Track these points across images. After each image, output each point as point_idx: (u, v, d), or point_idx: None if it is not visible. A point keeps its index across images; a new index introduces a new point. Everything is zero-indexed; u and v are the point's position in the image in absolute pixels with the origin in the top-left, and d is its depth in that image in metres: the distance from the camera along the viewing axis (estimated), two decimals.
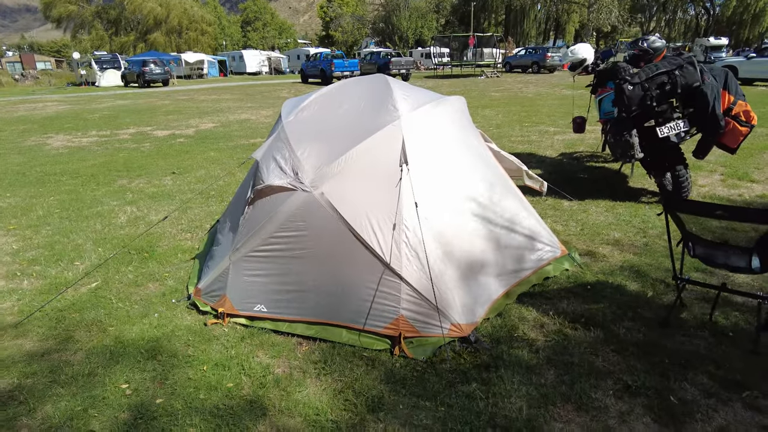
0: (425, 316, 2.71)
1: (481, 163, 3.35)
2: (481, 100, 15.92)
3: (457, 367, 2.55)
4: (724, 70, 4.84)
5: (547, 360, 2.57)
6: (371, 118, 3.08)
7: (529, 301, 3.15)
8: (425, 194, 2.89)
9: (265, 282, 2.99)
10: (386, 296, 2.74)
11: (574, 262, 3.60)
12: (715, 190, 5.57)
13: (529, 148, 8.09)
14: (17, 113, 16.42)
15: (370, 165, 2.89)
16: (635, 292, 3.23)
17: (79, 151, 9.38)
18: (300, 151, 3.02)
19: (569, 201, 5.25)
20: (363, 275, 2.77)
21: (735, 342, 2.64)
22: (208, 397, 2.41)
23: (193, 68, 37.37)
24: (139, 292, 3.50)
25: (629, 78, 4.82)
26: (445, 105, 3.44)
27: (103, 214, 5.25)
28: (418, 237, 2.75)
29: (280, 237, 2.93)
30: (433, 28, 50.31)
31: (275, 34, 58.73)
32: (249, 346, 2.81)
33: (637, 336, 2.73)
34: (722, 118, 4.66)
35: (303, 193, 2.88)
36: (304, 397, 2.39)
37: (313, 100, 3.46)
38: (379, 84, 3.46)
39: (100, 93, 24.90)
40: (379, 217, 2.78)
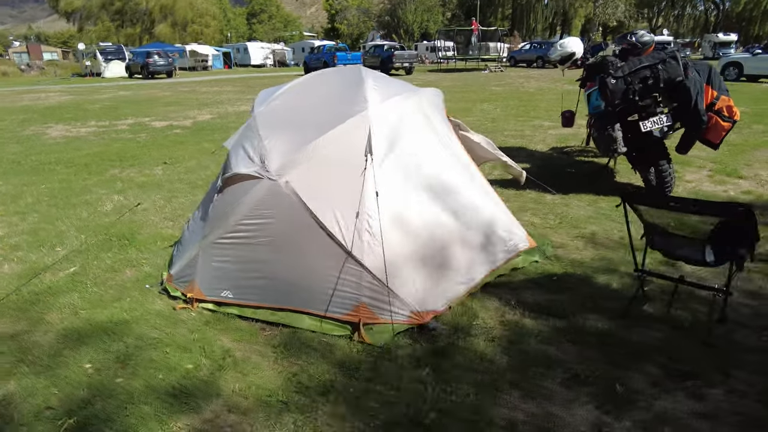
0: (386, 304, 2.76)
1: (449, 156, 3.37)
2: (481, 94, 15.88)
3: (412, 353, 2.59)
4: (708, 65, 4.83)
5: (502, 348, 2.61)
6: (340, 108, 3.11)
7: (493, 291, 3.18)
8: (390, 184, 2.93)
9: (231, 269, 3.04)
10: (348, 283, 2.78)
11: (545, 255, 3.62)
12: (700, 186, 5.56)
13: (520, 142, 8.09)
14: (20, 103, 16.58)
15: (336, 154, 2.92)
16: (601, 284, 3.26)
17: (76, 140, 9.48)
18: (268, 140, 3.06)
19: (552, 195, 5.26)
20: (326, 263, 2.82)
21: (690, 334, 2.66)
22: (167, 377, 2.47)
23: (197, 60, 37.44)
24: (115, 278, 3.57)
25: (612, 72, 4.82)
26: (416, 97, 3.46)
27: (91, 202, 5.32)
28: (381, 226, 2.79)
29: (246, 225, 2.98)
30: (439, 22, 50.01)
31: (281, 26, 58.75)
32: (213, 330, 2.87)
33: (595, 327, 2.76)
34: (705, 113, 4.65)
35: (269, 181, 2.92)
36: (259, 379, 2.44)
37: (287, 89, 3.50)
38: (352, 75, 3.49)
39: (103, 84, 25.05)
40: (343, 206, 2.82)
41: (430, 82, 22.14)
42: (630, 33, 5.79)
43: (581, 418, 2.12)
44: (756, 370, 2.37)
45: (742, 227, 2.33)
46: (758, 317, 2.81)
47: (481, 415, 2.14)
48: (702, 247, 2.50)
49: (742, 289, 3.14)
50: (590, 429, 2.07)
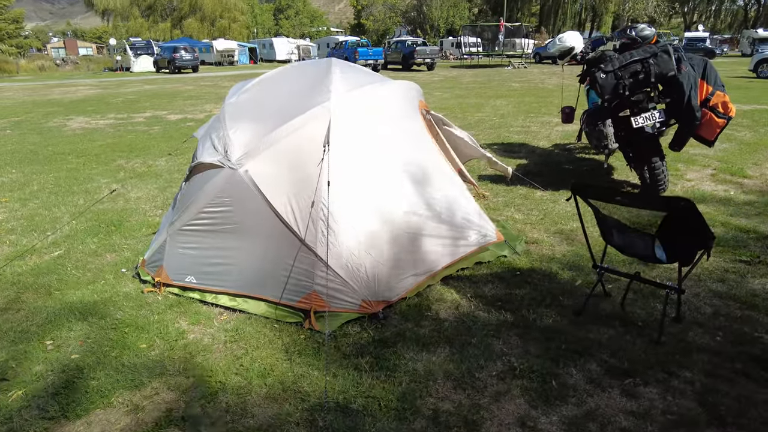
0: (337, 292, 2.79)
1: (417, 148, 3.37)
2: (498, 90, 15.69)
3: (358, 341, 2.62)
4: (704, 59, 4.67)
5: (447, 339, 2.61)
6: (304, 99, 3.15)
7: (453, 283, 3.18)
8: (350, 174, 2.96)
9: (195, 255, 3.13)
10: (301, 271, 2.83)
11: (514, 250, 3.59)
12: (700, 185, 5.38)
13: (524, 138, 7.98)
14: (50, 96, 17.24)
15: (295, 144, 2.97)
16: (564, 280, 3.21)
17: (93, 132, 9.82)
18: (232, 130, 3.13)
19: (543, 191, 5.19)
20: (281, 250, 2.88)
21: (642, 332, 2.61)
22: (119, 355, 2.57)
23: (223, 55, 38.10)
24: (96, 262, 3.71)
25: (603, 66, 4.71)
26: (387, 89, 3.48)
27: (90, 190, 5.53)
28: (335, 216, 2.83)
29: (209, 212, 3.06)
30: (465, 18, 49.48)
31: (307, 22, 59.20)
32: (174, 314, 2.96)
33: (546, 322, 2.74)
34: (698, 109, 4.50)
35: (229, 170, 2.99)
36: (204, 360, 2.52)
37: (258, 81, 3.56)
38: (321, 66, 3.53)
39: (131, 78, 25.80)
40: (299, 195, 2.87)
41: (450, 78, 21.99)
42: (630, 27, 5.63)
43: (508, 412, 2.12)
44: (701, 370, 2.31)
45: (690, 224, 2.27)
46: (717, 317, 2.72)
47: (408, 404, 2.16)
48: (652, 243, 2.44)
49: (709, 288, 3.05)
50: (515, 422, 2.06)
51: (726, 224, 4.21)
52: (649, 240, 2.44)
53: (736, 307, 2.84)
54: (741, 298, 2.92)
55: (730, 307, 2.84)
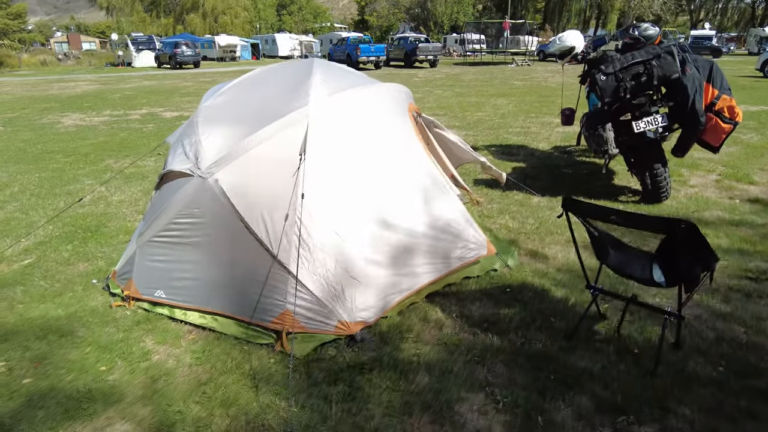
0: (312, 312, 2.61)
1: (403, 155, 3.17)
2: (500, 89, 15.44)
3: (331, 366, 2.44)
4: (709, 61, 4.44)
5: (427, 366, 2.42)
6: (281, 104, 2.96)
7: (439, 300, 2.99)
8: (328, 185, 2.77)
9: (164, 268, 2.95)
10: (274, 289, 2.64)
11: (505, 264, 3.39)
12: (704, 192, 5.17)
13: (523, 140, 7.76)
14: (49, 92, 17.10)
15: (270, 152, 2.77)
16: (557, 298, 3.01)
17: (86, 130, 9.66)
18: (205, 136, 2.94)
19: (540, 197, 4.99)
20: (252, 267, 2.69)
21: (637, 360, 2.41)
22: (75, 379, 2.40)
23: (225, 51, 37.88)
24: (66, 271, 3.54)
25: (603, 67, 4.50)
26: (372, 91, 3.28)
27: (72, 192, 5.36)
28: (310, 230, 2.64)
29: (178, 224, 2.88)
30: (470, 14, 49.01)
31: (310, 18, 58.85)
32: (140, 331, 2.79)
33: (535, 347, 2.54)
34: (703, 113, 4.29)
35: (199, 179, 2.80)
36: (166, 386, 2.34)
37: (235, 84, 3.37)
38: (303, 67, 3.33)
39: (131, 73, 25.63)
40: (272, 208, 2.68)
41: (452, 75, 21.73)
42: (633, 26, 5.41)
43: None
44: (701, 406, 2.11)
45: (691, 246, 2.07)
46: (720, 343, 2.52)
47: None
48: (650, 265, 2.24)
49: (712, 309, 2.85)
50: None
51: (730, 235, 4.00)
52: (646, 262, 2.24)
53: (741, 331, 2.64)
54: (746, 322, 2.72)
55: (734, 331, 2.64)
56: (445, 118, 10.15)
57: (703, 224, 4.24)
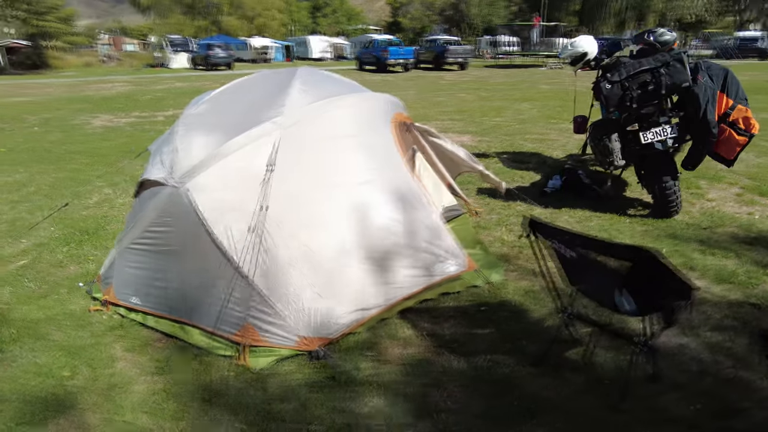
0: (273, 326, 2.58)
1: (380, 166, 3.08)
2: (525, 93, 15.11)
3: (286, 382, 2.40)
4: (724, 69, 4.17)
5: (383, 387, 2.35)
6: (256, 113, 2.94)
7: (412, 317, 2.91)
8: (296, 197, 2.73)
9: (139, 275, 2.99)
10: (237, 301, 2.63)
11: (487, 280, 3.27)
12: (722, 206, 4.86)
13: (538, 147, 7.53)
14: (85, 92, 17.82)
15: (239, 163, 2.76)
16: (534, 319, 2.88)
17: (112, 131, 9.99)
18: (181, 145, 2.96)
19: (543, 209, 4.82)
20: (217, 278, 2.68)
21: (606, 392, 2.26)
22: (38, 384, 2.45)
23: (259, 53, 38.63)
24: (57, 273, 3.64)
25: (609, 75, 4.31)
26: (352, 102, 3.22)
27: (81, 194, 5.53)
28: (275, 242, 2.61)
29: (152, 231, 2.91)
30: (503, 16, 48.30)
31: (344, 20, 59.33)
32: (112, 337, 2.82)
33: (500, 372, 2.43)
34: (715, 124, 4.04)
35: (172, 188, 2.82)
36: (122, 394, 2.36)
37: (219, 92, 3.39)
38: (285, 76, 3.31)
39: (166, 75, 26.43)
40: (238, 218, 2.66)
41: (480, 78, 21.45)
42: (648, 31, 5.17)
43: None
44: None
45: (659, 276, 1.92)
46: (702, 378, 2.34)
47: None
48: (618, 293, 2.10)
49: (702, 338, 2.65)
50: None
51: (741, 255, 3.74)
52: (615, 289, 2.10)
53: (729, 365, 2.44)
54: (737, 354, 2.52)
55: (721, 365, 2.45)
56: (462, 123, 9.99)
57: (713, 243, 3.99)
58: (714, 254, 3.80)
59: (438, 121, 10.33)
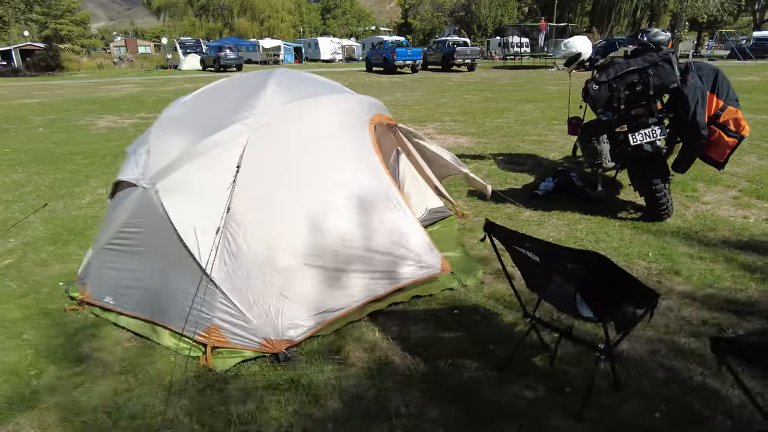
0: (238, 327, 2.58)
1: (354, 168, 3.06)
2: (530, 94, 15.00)
3: (248, 385, 2.39)
4: (714, 69, 4.09)
5: (343, 391, 2.33)
6: (228, 115, 2.95)
7: (381, 320, 2.88)
8: (263, 198, 2.73)
9: (113, 275, 3.01)
10: (203, 302, 2.63)
11: (463, 284, 3.23)
12: (717, 210, 4.76)
13: (535, 149, 7.46)
14: (95, 94, 18.09)
15: (208, 164, 2.77)
16: (505, 324, 2.83)
17: (115, 132, 10.12)
18: (155, 146, 2.98)
19: (532, 211, 4.76)
20: (185, 278, 2.68)
21: (567, 400, 2.21)
22: (3, 382, 2.47)
23: (269, 54, 38.87)
24: (40, 273, 3.68)
25: (596, 76, 4.25)
26: (327, 102, 3.21)
27: (75, 194, 5.60)
28: (239, 244, 2.60)
29: (126, 232, 2.93)
30: (514, 17, 48.01)
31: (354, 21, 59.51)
32: (83, 336, 2.85)
33: (462, 377, 2.39)
34: (705, 126, 3.96)
35: (143, 189, 2.83)
36: (84, 393, 2.37)
37: (196, 94, 3.41)
38: (261, 78, 3.31)
39: (176, 76, 26.74)
40: (205, 220, 2.66)
41: (487, 79, 21.34)
42: (642, 31, 5.08)
43: None
44: None
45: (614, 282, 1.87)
46: (668, 386, 2.28)
47: None
48: (574, 297, 2.05)
49: (675, 344, 2.59)
50: None
51: (730, 260, 3.66)
52: (571, 294, 2.05)
53: (698, 372, 2.38)
54: (707, 362, 2.45)
55: (690, 372, 2.39)
56: (463, 124, 9.94)
57: (702, 247, 3.91)
58: (702, 258, 3.71)
59: (440, 122, 10.30)
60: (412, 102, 13.81)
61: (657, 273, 3.49)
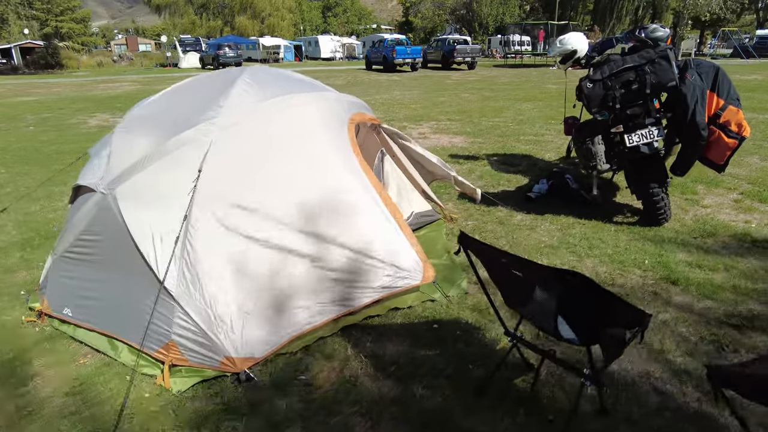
0: (197, 345, 2.39)
1: (329, 171, 2.87)
2: (530, 92, 14.76)
3: (205, 407, 2.21)
4: (715, 66, 3.88)
5: (306, 417, 2.14)
6: (194, 116, 2.76)
7: (356, 334, 2.70)
8: (226, 204, 2.54)
9: (72, 285, 2.83)
10: (161, 317, 2.45)
11: (446, 295, 3.04)
12: (717, 214, 4.56)
13: (531, 149, 7.25)
14: (91, 92, 17.93)
15: (169, 168, 2.59)
16: (487, 340, 2.64)
17: (105, 131, 9.91)
18: (117, 148, 2.80)
19: (524, 214, 4.57)
20: (143, 290, 2.50)
21: (549, 429, 2.02)
22: None
23: (269, 52, 38.66)
24: (5, 280, 3.51)
25: (591, 74, 4.06)
26: (301, 101, 3.02)
27: (53, 195, 5.43)
28: (200, 255, 2.42)
29: (83, 240, 2.75)
30: (516, 15, 47.66)
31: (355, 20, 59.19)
32: (38, 351, 2.68)
33: (434, 401, 2.20)
34: (704, 126, 3.75)
35: (101, 195, 2.65)
36: (27, 416, 2.19)
37: (162, 93, 3.23)
38: (231, 75, 3.12)
39: (175, 74, 26.55)
40: (164, 228, 2.48)
41: (487, 78, 21.10)
42: (640, 27, 4.88)
43: None
44: None
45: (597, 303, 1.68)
46: (660, 414, 2.09)
47: None
48: (555, 318, 1.86)
49: (670, 364, 2.40)
50: None
51: (730, 268, 3.46)
52: (552, 314, 1.86)
53: (695, 398, 2.19)
54: (706, 386, 2.25)
55: (686, 397, 2.19)
56: (459, 123, 9.73)
57: (701, 254, 3.71)
58: (701, 266, 3.52)
59: (436, 121, 10.09)
60: (409, 100, 13.61)
61: (653, 283, 3.30)
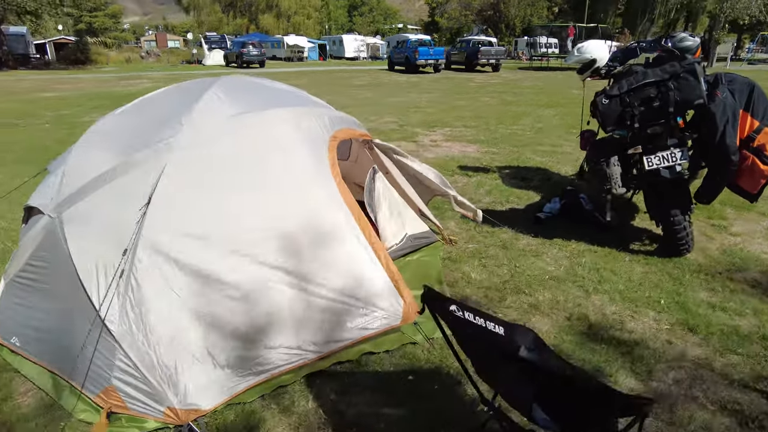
0: (138, 391, 2.15)
1: (301, 198, 2.57)
2: (553, 97, 14.24)
3: None
4: (750, 83, 3.45)
5: None
6: (153, 133, 2.51)
7: (320, 383, 2.40)
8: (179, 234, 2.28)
9: (21, 312, 2.62)
10: (102, 358, 2.21)
11: (427, 337, 2.72)
12: (748, 243, 4.11)
13: (547, 162, 6.83)
14: (113, 89, 18.13)
15: (118, 194, 2.35)
16: (467, 400, 2.31)
17: None
18: (72, 166, 2.59)
19: (530, 238, 4.21)
20: (85, 327, 2.26)
21: None
22: None
23: (293, 51, 38.72)
24: None
25: (607, 89, 3.68)
26: (275, 119, 2.75)
27: None
28: (145, 292, 2.17)
29: (32, 266, 2.54)
30: (544, 17, 46.66)
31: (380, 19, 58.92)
32: None
33: None
34: (735, 150, 3.34)
35: (49, 218, 2.43)
36: None
37: (129, 106, 3.00)
38: (202, 86, 2.87)
39: (198, 71, 26.79)
40: (109, 260, 2.23)
41: (511, 81, 20.57)
42: (667, 36, 4.44)
43: None
44: None
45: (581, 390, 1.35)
46: None
47: None
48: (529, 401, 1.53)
49: None
50: None
51: (760, 313, 3.06)
52: (527, 396, 1.53)
53: None
54: None
55: None
56: (474, 130, 9.35)
57: (727, 293, 3.30)
58: (725, 309, 3.12)
59: (450, 127, 9.73)
60: (426, 104, 13.25)
61: (667, 329, 2.92)
